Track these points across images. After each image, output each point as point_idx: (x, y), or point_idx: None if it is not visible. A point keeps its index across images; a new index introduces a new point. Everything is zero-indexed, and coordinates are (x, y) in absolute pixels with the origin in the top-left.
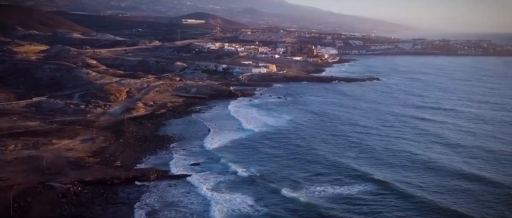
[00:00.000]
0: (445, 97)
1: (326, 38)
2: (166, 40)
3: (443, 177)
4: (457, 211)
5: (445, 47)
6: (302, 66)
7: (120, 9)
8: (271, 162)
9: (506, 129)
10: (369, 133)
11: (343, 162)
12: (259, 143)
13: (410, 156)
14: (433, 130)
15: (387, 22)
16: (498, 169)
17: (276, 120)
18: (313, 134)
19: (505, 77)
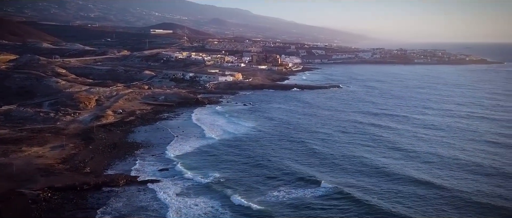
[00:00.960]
0: (400, 104)
1: (290, 48)
2: (135, 50)
3: (395, 182)
4: (406, 216)
5: (402, 56)
6: (267, 74)
7: (90, 20)
8: (232, 168)
9: (458, 134)
10: (327, 139)
11: (300, 168)
12: (223, 149)
13: (364, 161)
14: (387, 136)
15: (348, 33)
16: (448, 174)
17: (240, 127)
18: (273, 141)
19: (457, 85)
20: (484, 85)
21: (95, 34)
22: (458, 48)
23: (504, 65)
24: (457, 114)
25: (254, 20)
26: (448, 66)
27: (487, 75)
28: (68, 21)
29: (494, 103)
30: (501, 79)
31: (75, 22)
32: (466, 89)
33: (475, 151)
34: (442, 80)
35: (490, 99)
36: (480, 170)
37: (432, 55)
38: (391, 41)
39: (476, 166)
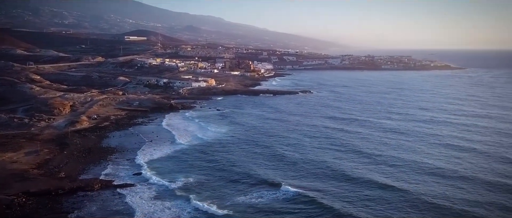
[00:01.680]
0: (367, 109)
1: (262, 54)
2: (109, 56)
3: (359, 186)
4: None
5: (370, 62)
6: (239, 80)
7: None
8: (199, 173)
9: (421, 139)
10: (294, 144)
11: (266, 172)
12: (192, 155)
13: (328, 166)
14: (353, 141)
15: (318, 40)
16: (411, 178)
17: (210, 133)
18: (242, 146)
19: (422, 90)
20: (446, 90)
21: (70, 41)
22: (423, 55)
23: (466, 70)
24: (421, 118)
25: (227, 27)
26: (414, 71)
27: (450, 80)
28: (43, 28)
29: (456, 108)
30: (463, 85)
31: (49, 29)
32: (430, 94)
33: (438, 155)
34: (407, 85)
35: (452, 104)
36: (442, 173)
37: (398, 61)
38: (360, 48)
39: (438, 169)
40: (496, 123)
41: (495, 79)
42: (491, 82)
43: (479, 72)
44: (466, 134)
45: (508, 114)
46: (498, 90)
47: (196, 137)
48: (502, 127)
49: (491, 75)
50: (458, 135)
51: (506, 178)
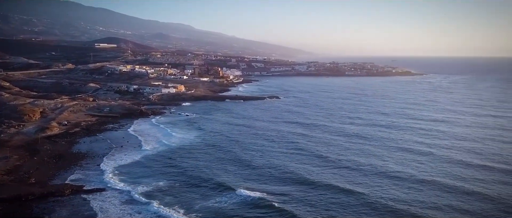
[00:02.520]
0: (330, 115)
1: (231, 61)
2: (80, 63)
3: (319, 190)
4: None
5: (335, 69)
6: (209, 86)
7: (34, 34)
8: (162, 179)
9: (380, 143)
10: (260, 150)
11: (231, 178)
12: (158, 160)
13: (289, 170)
14: (314, 146)
15: (285, 47)
16: (370, 181)
17: (177, 139)
18: (209, 152)
19: (382, 96)
20: (407, 95)
21: (40, 48)
22: (385, 61)
23: (426, 76)
24: (381, 123)
25: (196, 34)
26: (376, 78)
27: (411, 86)
28: (12, 35)
29: (415, 113)
30: (423, 90)
31: (18, 36)
32: (390, 100)
33: (397, 159)
34: (370, 91)
35: (412, 109)
36: (402, 177)
37: (361, 68)
38: (325, 55)
39: (398, 173)
40: (451, 127)
41: (453, 84)
42: (449, 87)
43: (438, 78)
44: (424, 138)
45: (464, 118)
46: (455, 95)
47: (164, 142)
48: (459, 131)
49: (449, 80)
50: (417, 139)
51: (463, 181)
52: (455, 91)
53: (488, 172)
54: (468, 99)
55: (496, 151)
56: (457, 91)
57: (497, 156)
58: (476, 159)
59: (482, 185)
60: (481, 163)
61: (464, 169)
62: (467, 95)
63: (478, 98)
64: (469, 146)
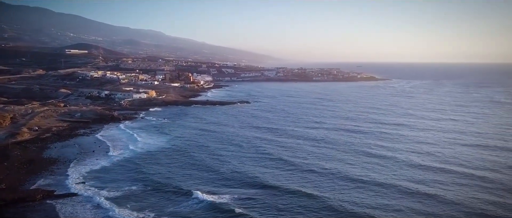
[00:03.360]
0: (297, 119)
1: (202, 67)
2: (50, 69)
3: (278, 194)
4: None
5: (302, 74)
6: (180, 91)
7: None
8: (126, 184)
9: (342, 147)
10: (225, 155)
11: (194, 183)
12: (130, 165)
13: (252, 175)
14: (280, 151)
15: (254, 53)
16: (330, 185)
17: (149, 143)
18: (173, 156)
19: (347, 101)
20: (369, 100)
21: (9, 54)
22: (351, 67)
23: (389, 81)
24: (344, 127)
25: (167, 41)
26: (342, 83)
27: (375, 91)
28: None
29: (378, 117)
30: (385, 95)
31: None
32: (353, 104)
33: (359, 162)
34: (335, 96)
35: (374, 113)
36: (364, 180)
37: (328, 74)
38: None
39: (360, 177)
40: (412, 131)
41: (415, 89)
42: (411, 92)
43: (401, 83)
44: (386, 142)
45: (424, 122)
46: (416, 100)
47: (133, 148)
48: (419, 135)
49: (411, 85)
50: (380, 143)
51: (423, 183)
52: (417, 95)
53: (447, 174)
54: (429, 104)
55: (454, 154)
56: (418, 96)
57: (455, 159)
58: (435, 162)
59: (441, 188)
60: (440, 165)
61: (424, 171)
62: (427, 99)
63: (438, 102)
64: (429, 149)
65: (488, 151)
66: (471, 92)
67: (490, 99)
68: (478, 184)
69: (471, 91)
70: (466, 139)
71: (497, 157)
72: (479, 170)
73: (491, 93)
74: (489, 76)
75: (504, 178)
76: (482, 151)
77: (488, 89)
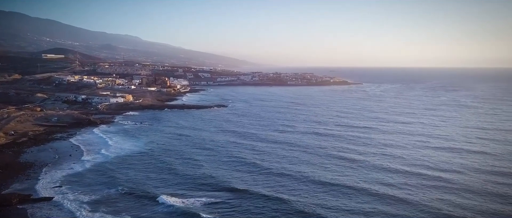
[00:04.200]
0: (271, 123)
1: (178, 71)
2: (27, 74)
3: (246, 198)
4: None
5: (277, 79)
6: (156, 95)
7: None
8: (107, 188)
9: (309, 151)
10: (195, 159)
11: (165, 189)
12: (106, 170)
13: (224, 180)
14: (251, 155)
15: (231, 58)
16: (297, 188)
17: (125, 148)
18: (149, 162)
19: (319, 105)
20: (341, 104)
21: None
22: (324, 72)
23: (361, 85)
24: (315, 131)
25: (143, 45)
26: (315, 87)
27: (345, 95)
28: None
29: (349, 121)
30: (356, 99)
31: None
32: (325, 108)
33: (328, 166)
34: (308, 100)
35: (345, 117)
36: (332, 183)
37: (302, 78)
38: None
39: (328, 179)
40: (378, 134)
41: (385, 93)
42: (381, 96)
43: (372, 87)
44: (356, 145)
45: (393, 125)
46: (386, 103)
47: (109, 152)
48: (389, 138)
49: (382, 89)
50: (349, 147)
51: (391, 186)
52: (387, 99)
53: (415, 177)
54: (398, 107)
55: (421, 156)
56: (388, 100)
57: (422, 161)
58: (403, 165)
59: (409, 190)
60: (408, 169)
61: (393, 174)
62: (397, 103)
63: (406, 106)
64: (397, 152)
65: (454, 153)
66: (439, 95)
67: (457, 102)
68: (445, 185)
69: (439, 94)
70: (433, 142)
71: (464, 159)
72: (446, 172)
73: (458, 96)
74: (457, 80)
75: (470, 180)
76: (448, 153)
77: (455, 93)
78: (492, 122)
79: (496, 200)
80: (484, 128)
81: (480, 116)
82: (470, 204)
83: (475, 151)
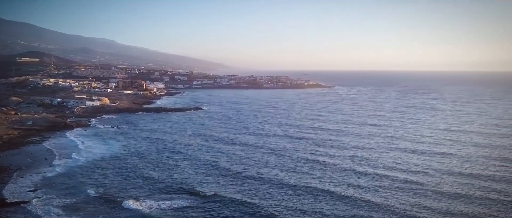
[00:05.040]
0: (241, 126)
1: (154, 74)
2: (0, 77)
3: (217, 203)
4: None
5: (253, 82)
6: (133, 98)
7: None
8: (81, 192)
9: (277, 153)
10: (167, 163)
11: (134, 193)
12: (81, 173)
13: (186, 182)
14: (219, 159)
15: (207, 61)
16: (264, 192)
17: (98, 152)
18: (125, 166)
19: (292, 108)
20: (313, 107)
21: None
22: (298, 75)
23: (333, 88)
24: (287, 134)
25: (120, 49)
26: (290, 90)
27: (321, 97)
28: None
29: (317, 124)
30: (327, 102)
31: None
32: (298, 111)
33: (297, 169)
34: (282, 103)
35: (315, 119)
36: (299, 186)
37: (277, 81)
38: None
39: (296, 182)
40: (349, 137)
41: (358, 95)
42: (354, 98)
43: (345, 90)
44: (327, 148)
45: (363, 128)
46: (357, 106)
47: (85, 155)
48: (359, 140)
49: (354, 92)
50: (320, 150)
51: (358, 189)
52: (358, 102)
53: (384, 179)
54: (369, 109)
55: (391, 159)
56: (360, 102)
57: (392, 163)
58: (373, 168)
59: (378, 192)
60: (378, 171)
61: (363, 176)
62: (368, 106)
63: (377, 108)
64: (367, 155)
65: (424, 155)
66: (409, 98)
67: (425, 105)
68: (413, 188)
69: (409, 97)
70: (403, 144)
71: (432, 161)
72: (415, 174)
73: (426, 99)
74: (427, 83)
75: (437, 181)
76: (417, 155)
77: (424, 96)
78: (458, 124)
79: (465, 201)
80: (451, 130)
81: (447, 118)
82: (438, 206)
83: (443, 152)
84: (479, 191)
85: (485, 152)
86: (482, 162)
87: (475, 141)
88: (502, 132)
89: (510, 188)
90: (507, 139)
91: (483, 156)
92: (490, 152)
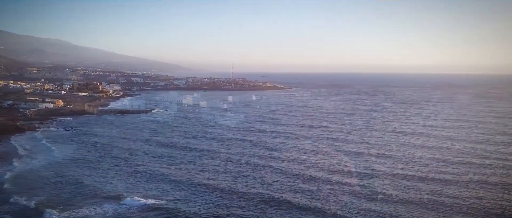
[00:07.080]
0: (193, 131)
1: (110, 76)
2: None
3: (153, 211)
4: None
5: (212, 84)
6: (88, 101)
7: None
8: (29, 196)
9: (224, 157)
10: (98, 168)
11: (103, 190)
12: (32, 177)
13: (127, 190)
14: (164, 164)
15: (164, 63)
16: (196, 196)
17: (50, 155)
18: (74, 169)
19: (247, 110)
20: (263, 108)
21: None
22: (256, 77)
23: (290, 90)
24: (235, 137)
25: (74, 50)
26: (248, 91)
27: (277, 99)
28: None
29: (267, 128)
30: (280, 104)
31: None
32: (251, 113)
33: (242, 172)
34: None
35: (264, 124)
36: (241, 191)
37: (235, 83)
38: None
39: (239, 187)
40: (297, 140)
41: (312, 98)
42: (309, 100)
43: (301, 91)
44: (273, 152)
45: (313, 130)
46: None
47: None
48: (306, 143)
49: (309, 94)
50: (262, 153)
51: (302, 192)
52: (312, 102)
53: (326, 182)
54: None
55: (337, 161)
56: (313, 102)
57: (335, 166)
58: (317, 171)
59: (324, 197)
60: (321, 174)
61: (307, 182)
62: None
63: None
64: (312, 158)
65: (369, 157)
66: (360, 100)
67: (377, 106)
68: (360, 191)
69: (360, 99)
70: (350, 146)
71: (378, 163)
72: (361, 178)
73: (377, 100)
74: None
75: (385, 184)
76: (364, 157)
77: (375, 97)
78: (407, 123)
79: (414, 205)
80: (401, 131)
81: (398, 118)
82: (386, 209)
83: (387, 155)
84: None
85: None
86: (420, 163)
87: (420, 143)
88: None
89: (446, 188)
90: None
91: (422, 157)
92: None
